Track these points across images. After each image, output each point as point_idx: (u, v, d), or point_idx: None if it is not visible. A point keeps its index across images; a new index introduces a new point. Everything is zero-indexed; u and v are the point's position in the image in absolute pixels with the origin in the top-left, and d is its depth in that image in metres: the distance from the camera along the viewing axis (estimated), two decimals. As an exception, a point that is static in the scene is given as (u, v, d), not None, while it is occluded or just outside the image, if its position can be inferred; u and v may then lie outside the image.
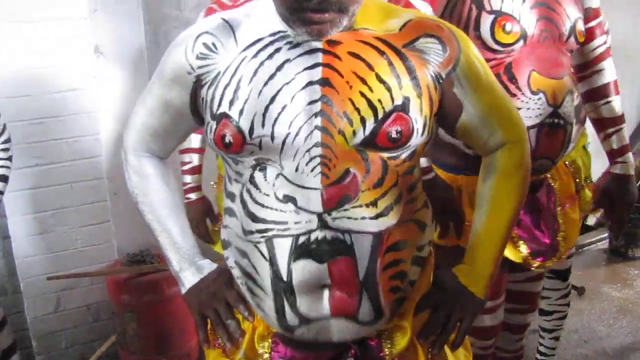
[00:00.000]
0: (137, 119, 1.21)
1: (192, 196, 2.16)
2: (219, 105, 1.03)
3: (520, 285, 1.92)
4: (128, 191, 1.26)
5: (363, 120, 1.00)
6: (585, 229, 3.99)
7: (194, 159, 2.15)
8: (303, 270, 1.01)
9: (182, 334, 2.61)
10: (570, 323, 2.69)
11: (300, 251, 1.01)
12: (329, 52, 1.02)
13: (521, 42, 1.54)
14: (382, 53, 1.03)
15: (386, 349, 1.13)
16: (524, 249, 1.70)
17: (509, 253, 1.69)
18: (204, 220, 2.20)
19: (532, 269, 1.75)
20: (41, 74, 2.46)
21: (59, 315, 2.68)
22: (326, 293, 1.03)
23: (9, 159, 2.08)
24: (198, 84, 1.09)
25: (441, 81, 1.07)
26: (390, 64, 1.03)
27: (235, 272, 1.14)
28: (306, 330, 1.06)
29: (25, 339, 2.66)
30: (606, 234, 4.01)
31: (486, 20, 1.54)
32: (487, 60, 1.55)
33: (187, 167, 2.15)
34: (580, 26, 1.63)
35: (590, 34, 1.70)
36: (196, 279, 1.21)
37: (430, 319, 1.18)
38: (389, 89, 1.01)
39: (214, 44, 1.06)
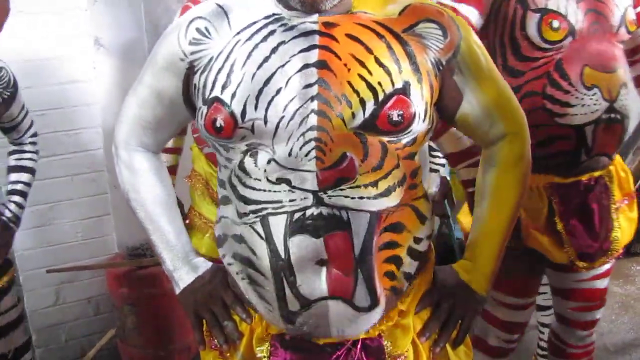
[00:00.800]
0: (128, 111, 1.18)
1: None
2: (212, 89, 1.01)
3: (589, 283, 1.86)
4: (123, 194, 1.22)
5: (363, 102, 0.97)
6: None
7: (169, 159, 2.12)
8: (300, 245, 0.98)
9: (182, 328, 2.60)
10: (571, 319, 2.67)
11: (296, 227, 0.98)
12: (326, 34, 1.00)
13: (570, 38, 1.52)
14: (380, 37, 1.01)
15: (387, 349, 1.10)
16: (570, 250, 1.67)
17: (554, 254, 1.68)
18: None
19: (580, 270, 1.74)
20: (41, 66, 2.45)
21: (58, 308, 2.67)
22: (324, 271, 1.00)
23: (37, 152, 2.09)
24: (191, 70, 1.07)
25: (441, 68, 1.05)
26: (389, 47, 1.01)
27: (234, 268, 1.10)
28: (306, 318, 1.03)
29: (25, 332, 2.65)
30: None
31: (532, 19, 1.52)
32: (536, 59, 1.57)
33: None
34: (631, 15, 1.59)
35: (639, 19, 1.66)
36: (191, 278, 1.18)
37: (431, 317, 1.16)
38: (388, 73, 0.99)
39: (207, 29, 1.04)
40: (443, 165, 2.31)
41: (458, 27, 1.06)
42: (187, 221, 2.23)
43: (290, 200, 0.97)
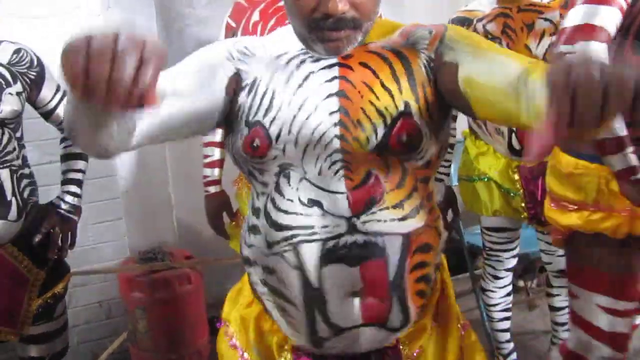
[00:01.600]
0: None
1: (211, 189, 2.17)
2: (256, 113, 1.06)
3: None
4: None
5: (374, 127, 1.02)
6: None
7: (216, 152, 2.16)
8: (334, 275, 1.01)
9: (193, 332, 2.62)
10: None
11: (330, 256, 1.01)
12: (344, 64, 1.06)
13: None
14: (384, 58, 1.07)
15: (404, 352, 1.13)
16: None
17: None
18: (220, 214, 2.20)
19: None
20: (54, 71, 2.46)
21: (70, 312, 2.66)
22: (357, 300, 1.03)
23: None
24: (238, 82, 1.09)
25: (432, 64, 1.06)
26: (391, 67, 1.06)
27: (260, 289, 1.13)
28: (336, 343, 1.06)
29: (37, 335, 2.67)
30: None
31: None
32: None
33: (208, 160, 2.16)
34: None
35: None
36: None
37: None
38: (391, 95, 1.04)
39: (247, 48, 1.11)
40: (447, 175, 2.32)
41: (445, 25, 1.10)
42: (233, 222, 2.25)
43: (323, 227, 1.01)
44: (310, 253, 1.01)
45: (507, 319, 2.52)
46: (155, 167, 2.73)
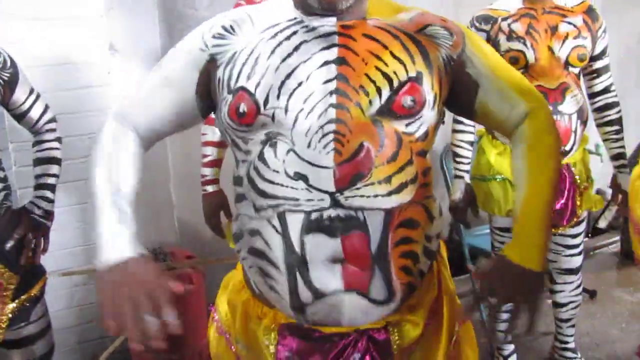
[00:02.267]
0: (137, 91, 1.19)
1: (209, 188, 2.18)
2: (237, 80, 1.06)
3: None
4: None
5: (379, 90, 1.04)
6: (597, 232, 3.97)
7: (214, 152, 2.16)
8: (315, 243, 1.02)
9: (194, 332, 2.62)
10: (582, 326, 2.69)
11: (313, 226, 1.02)
12: (344, 34, 1.07)
13: None
14: (395, 36, 1.09)
15: (394, 341, 1.13)
16: None
17: None
18: (217, 213, 2.20)
19: None
20: (56, 71, 2.48)
21: (72, 311, 2.69)
22: (339, 267, 1.03)
23: (58, 139, 1.95)
24: (212, 64, 1.12)
25: (452, 63, 1.14)
26: (404, 45, 1.09)
27: (247, 262, 1.12)
28: (318, 308, 1.05)
29: (38, 335, 2.67)
30: (618, 237, 3.99)
31: None
32: None
33: (206, 159, 2.17)
34: None
35: None
36: (128, 253, 1.01)
37: (513, 315, 1.15)
38: (403, 64, 1.06)
39: (231, 27, 1.11)
40: (467, 172, 2.32)
41: (460, 28, 1.16)
42: (231, 221, 2.25)
43: (308, 200, 1.01)
44: (294, 222, 1.02)
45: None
46: (157, 167, 2.74)
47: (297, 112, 1.02)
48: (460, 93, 1.17)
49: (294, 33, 1.07)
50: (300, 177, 1.00)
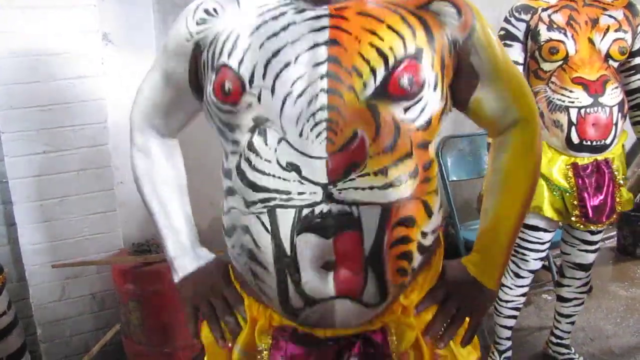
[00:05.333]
0: (141, 95, 1.21)
1: None
2: (219, 57, 1.02)
3: None
4: (134, 180, 1.23)
5: (373, 71, 0.96)
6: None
7: None
8: (307, 244, 0.96)
9: (185, 325, 2.60)
10: (577, 321, 2.68)
11: (304, 224, 0.96)
12: (336, 15, 1.00)
13: None
14: (394, 11, 1.02)
15: (392, 345, 1.08)
16: None
17: None
18: None
19: None
20: (49, 61, 2.45)
21: (63, 303, 2.67)
22: (331, 272, 0.98)
23: None
24: (197, 51, 1.08)
25: (457, 47, 1.05)
26: (403, 18, 1.01)
27: (241, 260, 1.07)
28: (310, 313, 1.01)
29: (30, 326, 2.66)
30: (614, 232, 3.99)
31: None
32: None
33: None
34: None
35: None
36: (193, 267, 1.17)
37: (437, 314, 1.13)
38: (402, 38, 0.99)
39: (214, 9, 1.06)
40: None
41: (471, 9, 1.06)
42: None
43: (300, 193, 0.95)
44: (285, 219, 0.96)
45: (513, 317, 2.51)
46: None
47: (285, 95, 0.96)
48: (458, 82, 1.09)
49: (282, 14, 1.01)
50: (292, 167, 0.94)
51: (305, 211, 0.96)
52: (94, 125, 2.57)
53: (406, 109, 0.99)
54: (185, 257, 1.18)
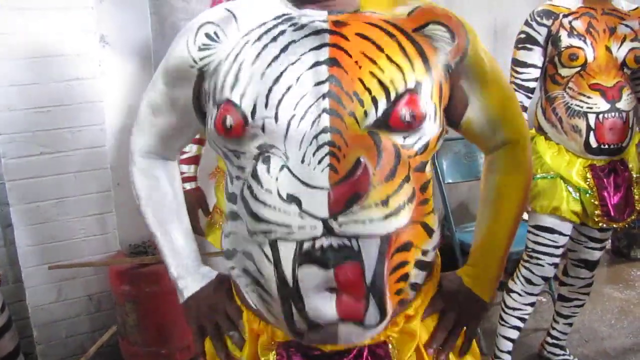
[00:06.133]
0: (144, 118, 1.19)
1: (186, 186, 2.16)
2: (221, 91, 1.00)
3: None
4: (135, 197, 1.22)
5: (375, 101, 0.95)
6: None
7: (193, 149, 2.15)
8: (308, 275, 0.96)
9: (183, 326, 2.57)
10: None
11: (305, 257, 0.95)
12: (336, 32, 0.99)
13: None
14: (391, 35, 1.00)
15: (394, 355, 1.09)
16: None
17: None
18: (195, 210, 2.20)
19: None
20: (47, 63, 2.46)
21: (60, 305, 2.67)
22: (333, 297, 0.98)
23: None
24: (201, 77, 1.06)
25: (450, 71, 1.05)
26: (401, 46, 1.00)
27: (243, 281, 1.08)
28: (315, 335, 1.02)
29: (26, 328, 2.66)
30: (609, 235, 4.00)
31: None
32: None
33: (185, 156, 2.15)
34: None
35: None
36: (196, 287, 1.18)
37: (437, 326, 1.15)
38: (401, 70, 0.98)
39: (215, 33, 1.03)
40: None
41: (466, 31, 1.05)
42: (209, 218, 2.25)
43: (300, 228, 0.93)
44: (287, 252, 0.96)
45: (518, 329, 2.50)
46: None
47: (289, 119, 0.94)
48: (450, 105, 1.09)
49: (282, 33, 0.99)
50: (293, 200, 0.92)
51: (306, 245, 0.95)
52: (91, 127, 2.58)
53: (405, 137, 0.99)
54: (188, 277, 1.19)
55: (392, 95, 0.96)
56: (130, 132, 1.23)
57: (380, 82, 0.96)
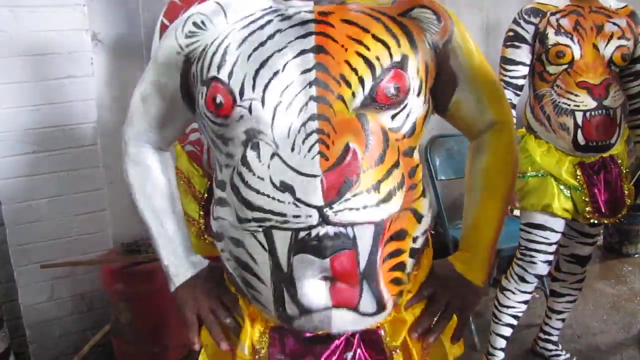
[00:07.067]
0: (134, 108, 1.21)
1: None
2: (208, 71, 1.02)
3: None
4: (124, 180, 1.24)
5: (362, 81, 0.97)
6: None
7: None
8: (304, 264, 0.97)
9: (177, 324, 2.60)
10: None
11: (301, 246, 0.96)
12: (322, 21, 1.02)
13: None
14: (377, 19, 1.04)
15: (385, 340, 1.10)
16: None
17: None
18: None
19: None
20: (38, 61, 2.44)
21: (52, 304, 2.67)
22: (327, 284, 0.99)
23: None
24: (188, 64, 1.09)
25: (438, 51, 1.08)
26: (386, 27, 1.03)
27: (231, 264, 1.09)
28: (305, 321, 1.03)
29: (19, 328, 2.65)
30: (600, 230, 4.02)
31: None
32: None
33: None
34: None
35: None
36: (188, 275, 1.19)
37: (425, 311, 1.15)
38: (387, 47, 1.01)
39: (202, 22, 1.07)
40: None
41: (450, 16, 1.09)
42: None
43: (295, 217, 0.94)
44: (282, 240, 0.97)
45: (511, 326, 2.51)
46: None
47: (276, 106, 0.96)
48: (438, 86, 1.11)
49: (268, 22, 1.02)
50: (286, 188, 0.93)
51: (302, 234, 0.96)
52: (83, 125, 2.57)
53: (393, 117, 1.02)
54: (180, 265, 1.20)
55: (378, 72, 0.99)
56: (123, 130, 1.24)
57: (366, 60, 0.99)
